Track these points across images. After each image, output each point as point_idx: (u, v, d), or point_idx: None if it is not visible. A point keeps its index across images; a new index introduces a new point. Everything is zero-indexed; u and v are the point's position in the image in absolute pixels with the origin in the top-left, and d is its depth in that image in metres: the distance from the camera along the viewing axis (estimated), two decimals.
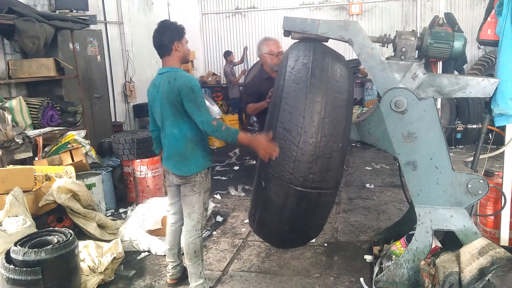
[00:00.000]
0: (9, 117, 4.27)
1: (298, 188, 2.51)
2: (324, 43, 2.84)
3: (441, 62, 3.25)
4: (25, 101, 4.72)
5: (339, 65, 2.62)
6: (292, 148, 2.47)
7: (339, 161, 2.57)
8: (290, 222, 2.70)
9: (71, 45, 5.65)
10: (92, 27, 6.27)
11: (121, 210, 4.92)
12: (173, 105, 2.72)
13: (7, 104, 4.49)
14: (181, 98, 2.68)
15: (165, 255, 3.70)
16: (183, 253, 3.08)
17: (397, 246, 3.03)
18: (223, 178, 6.12)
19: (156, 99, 2.84)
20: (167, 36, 2.77)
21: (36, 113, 4.80)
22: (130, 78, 7.97)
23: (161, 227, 3.79)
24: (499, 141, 2.91)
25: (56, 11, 5.62)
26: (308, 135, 2.44)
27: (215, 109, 9.67)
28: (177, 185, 2.95)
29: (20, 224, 3.27)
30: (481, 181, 2.61)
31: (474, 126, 3.07)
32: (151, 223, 3.87)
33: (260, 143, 2.59)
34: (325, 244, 3.76)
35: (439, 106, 3.31)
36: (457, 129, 3.29)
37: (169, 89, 2.71)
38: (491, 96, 2.63)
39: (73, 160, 4.63)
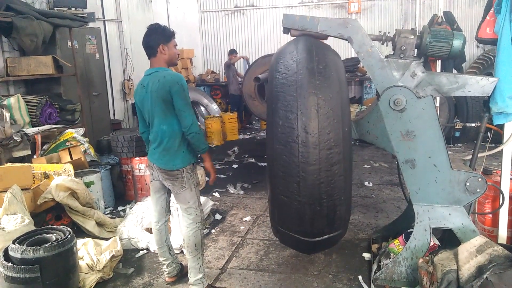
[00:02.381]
0: (7, 115, 4.26)
1: None
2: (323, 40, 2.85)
3: (440, 61, 3.26)
4: (23, 99, 4.71)
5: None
6: None
7: None
8: None
9: (69, 43, 5.64)
10: (90, 24, 6.25)
11: (119, 208, 4.92)
12: (163, 102, 2.77)
13: (5, 102, 4.48)
14: (171, 94, 2.74)
15: None
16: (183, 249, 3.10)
17: (396, 244, 3.03)
18: (222, 176, 6.12)
19: (145, 99, 2.89)
20: (153, 39, 2.84)
21: (35, 111, 4.79)
22: (129, 76, 7.95)
23: None
24: (498, 140, 2.92)
25: (55, 8, 5.61)
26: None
27: (214, 107, 9.67)
28: (161, 181, 3.00)
29: (18, 222, 3.27)
30: (480, 179, 2.62)
31: (473, 124, 3.08)
32: (150, 221, 3.86)
33: (214, 167, 3.01)
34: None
35: (437, 104, 3.31)
36: (456, 127, 3.29)
37: (159, 86, 2.76)
38: (489, 94, 2.63)
39: (71, 158, 4.63)
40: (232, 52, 9.63)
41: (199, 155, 3.02)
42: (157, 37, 2.84)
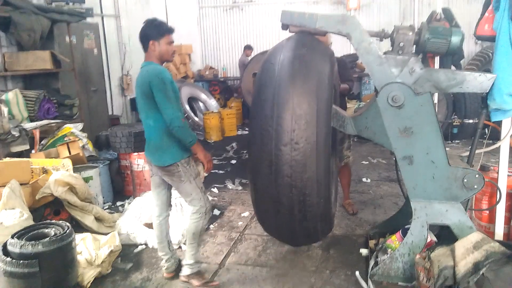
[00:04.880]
0: (5, 109, 4.25)
1: None
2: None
3: (438, 57, 3.26)
4: (21, 94, 4.70)
5: None
6: None
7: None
8: None
9: (67, 38, 5.62)
10: (88, 20, 6.23)
11: (118, 203, 4.93)
12: (145, 97, 2.79)
13: (3, 97, 4.47)
14: (151, 88, 2.73)
15: None
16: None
17: (393, 240, 3.05)
18: (220, 171, 6.12)
19: (136, 93, 2.95)
20: (145, 34, 2.86)
21: (33, 106, 4.78)
22: (127, 72, 7.94)
23: None
24: (495, 136, 2.93)
25: (53, 3, 5.57)
26: None
27: (212, 103, 9.65)
28: (160, 176, 3.02)
29: (17, 216, 3.27)
30: (477, 175, 2.63)
31: (471, 121, 3.10)
32: (149, 216, 3.87)
33: (208, 156, 2.91)
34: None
35: (436, 101, 3.32)
36: (454, 124, 3.31)
37: (142, 80, 2.79)
38: (487, 91, 2.63)
39: (70, 153, 4.62)
40: (248, 47, 9.29)
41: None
42: (149, 33, 2.85)
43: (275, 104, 2.57)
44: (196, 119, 8.99)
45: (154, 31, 2.84)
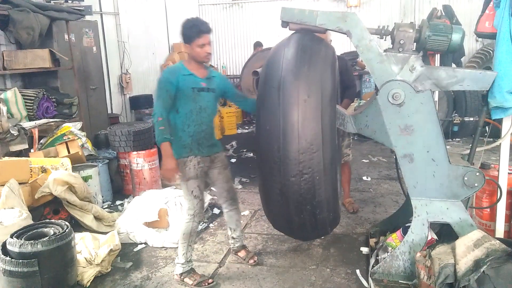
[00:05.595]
0: (4, 108, 4.24)
1: None
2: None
3: (439, 55, 3.25)
4: (20, 92, 4.68)
5: None
6: None
7: None
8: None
9: (66, 36, 5.59)
10: (87, 17, 6.19)
11: (117, 202, 4.92)
12: None
13: (2, 96, 4.46)
14: None
15: (161, 247, 3.72)
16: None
17: (393, 238, 3.04)
18: None
19: None
20: (181, 35, 2.93)
21: (32, 104, 4.76)
22: (127, 70, 7.91)
23: (158, 219, 3.79)
24: (496, 134, 2.91)
25: (51, 1, 5.54)
26: None
27: None
28: None
29: (16, 216, 3.26)
30: (477, 173, 2.62)
31: (471, 119, 3.08)
32: (148, 215, 3.87)
33: (167, 163, 2.79)
34: (322, 236, 3.77)
35: (436, 98, 3.31)
36: (454, 122, 3.29)
37: None
38: (488, 89, 2.62)
39: (69, 152, 4.61)
40: (259, 44, 9.14)
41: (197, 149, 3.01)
42: (182, 35, 2.91)
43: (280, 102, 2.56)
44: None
45: (185, 35, 2.88)
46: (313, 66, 2.59)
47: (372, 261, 3.05)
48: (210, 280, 3.08)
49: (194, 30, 2.85)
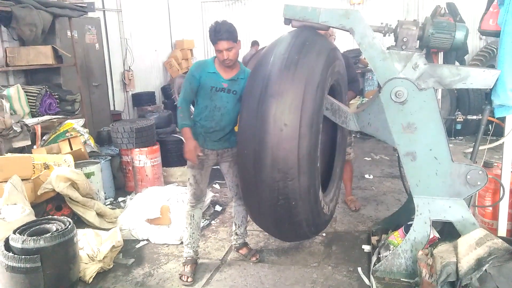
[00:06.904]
0: (7, 105, 4.25)
1: None
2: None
3: (442, 53, 3.23)
4: (23, 89, 4.69)
5: None
6: None
7: None
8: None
9: (69, 33, 5.60)
10: (90, 14, 6.21)
11: (120, 199, 4.93)
12: None
13: (5, 92, 4.47)
14: None
15: (163, 244, 3.73)
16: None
17: (395, 236, 3.04)
18: None
19: None
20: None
21: (34, 101, 4.78)
22: (129, 67, 7.91)
23: (160, 216, 3.80)
24: (499, 133, 2.90)
25: None
26: None
27: None
28: None
29: (19, 212, 3.28)
30: (480, 172, 2.61)
31: (474, 117, 3.06)
32: (150, 212, 3.88)
33: (187, 145, 2.95)
34: (324, 234, 3.77)
35: (439, 97, 3.29)
36: (457, 120, 3.27)
37: None
38: (491, 87, 2.61)
39: (71, 148, 4.62)
40: (256, 43, 9.13)
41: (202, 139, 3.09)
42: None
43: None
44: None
45: (210, 37, 2.96)
46: (295, 88, 2.58)
47: (374, 259, 3.05)
48: (190, 279, 3.07)
49: (212, 36, 2.92)
